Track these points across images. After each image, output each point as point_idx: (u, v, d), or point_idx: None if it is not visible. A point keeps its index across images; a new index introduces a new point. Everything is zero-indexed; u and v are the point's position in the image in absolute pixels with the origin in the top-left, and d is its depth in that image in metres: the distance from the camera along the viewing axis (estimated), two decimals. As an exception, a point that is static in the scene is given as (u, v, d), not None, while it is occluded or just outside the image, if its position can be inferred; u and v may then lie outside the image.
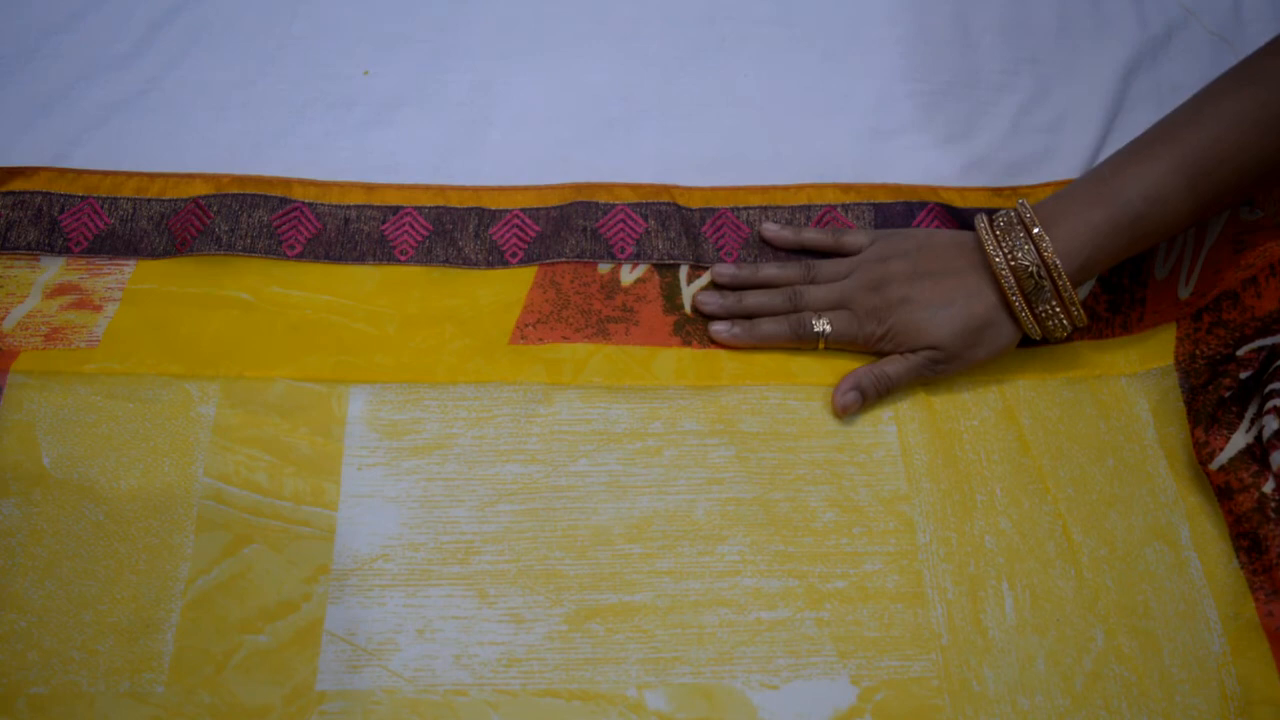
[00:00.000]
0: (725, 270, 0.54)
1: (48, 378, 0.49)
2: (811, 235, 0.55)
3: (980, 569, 0.47)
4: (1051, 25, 0.65)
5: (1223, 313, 0.50)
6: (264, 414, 0.49)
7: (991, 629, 0.46)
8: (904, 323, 0.50)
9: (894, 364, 0.50)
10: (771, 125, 0.60)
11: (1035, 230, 0.48)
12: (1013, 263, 0.48)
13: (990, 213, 0.51)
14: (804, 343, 0.52)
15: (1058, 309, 0.48)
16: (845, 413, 0.50)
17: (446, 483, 0.48)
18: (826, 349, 0.52)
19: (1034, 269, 0.48)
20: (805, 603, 0.46)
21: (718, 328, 0.53)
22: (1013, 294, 0.48)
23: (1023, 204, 0.49)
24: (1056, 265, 0.47)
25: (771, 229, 0.56)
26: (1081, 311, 0.49)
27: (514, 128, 0.60)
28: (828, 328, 0.51)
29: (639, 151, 0.59)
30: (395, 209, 0.56)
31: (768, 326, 0.52)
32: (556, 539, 0.47)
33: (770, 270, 0.54)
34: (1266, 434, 0.46)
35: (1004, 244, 0.49)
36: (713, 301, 0.53)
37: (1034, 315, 0.49)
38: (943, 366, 0.50)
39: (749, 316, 0.53)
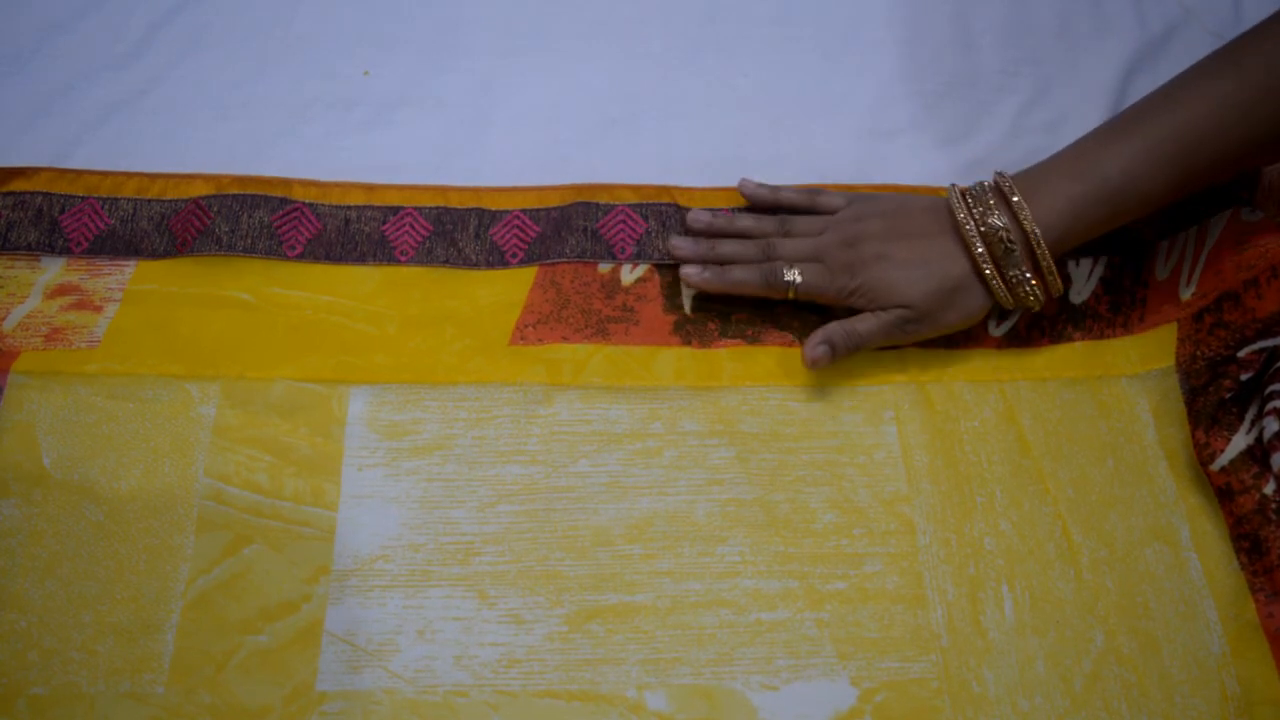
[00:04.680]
0: (701, 217, 0.54)
1: (48, 378, 0.49)
2: (788, 194, 0.55)
3: (980, 570, 0.47)
4: (1051, 26, 0.65)
5: (1224, 314, 0.50)
6: (264, 414, 0.49)
7: (991, 630, 0.46)
8: (877, 279, 0.50)
9: (865, 321, 0.50)
10: (771, 125, 0.60)
11: (1015, 199, 0.48)
12: (983, 228, 0.48)
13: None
14: (774, 292, 0.52)
15: (1029, 276, 0.49)
16: (814, 366, 0.50)
17: (446, 483, 0.48)
18: (796, 300, 0.52)
19: (1004, 234, 0.48)
20: (805, 604, 0.46)
21: (689, 270, 0.53)
22: (983, 260, 0.49)
23: (1001, 174, 0.50)
24: (1035, 234, 0.48)
25: (749, 185, 0.56)
26: (1058, 279, 0.49)
27: (514, 128, 0.60)
28: (798, 278, 0.51)
29: (639, 151, 0.59)
30: (395, 209, 0.56)
31: (739, 273, 0.52)
32: (557, 540, 0.47)
33: (746, 221, 0.54)
34: (1267, 435, 0.46)
35: (975, 210, 0.49)
36: (687, 246, 0.53)
37: (1005, 281, 0.49)
38: (913, 327, 0.50)
39: (722, 264, 0.53)
